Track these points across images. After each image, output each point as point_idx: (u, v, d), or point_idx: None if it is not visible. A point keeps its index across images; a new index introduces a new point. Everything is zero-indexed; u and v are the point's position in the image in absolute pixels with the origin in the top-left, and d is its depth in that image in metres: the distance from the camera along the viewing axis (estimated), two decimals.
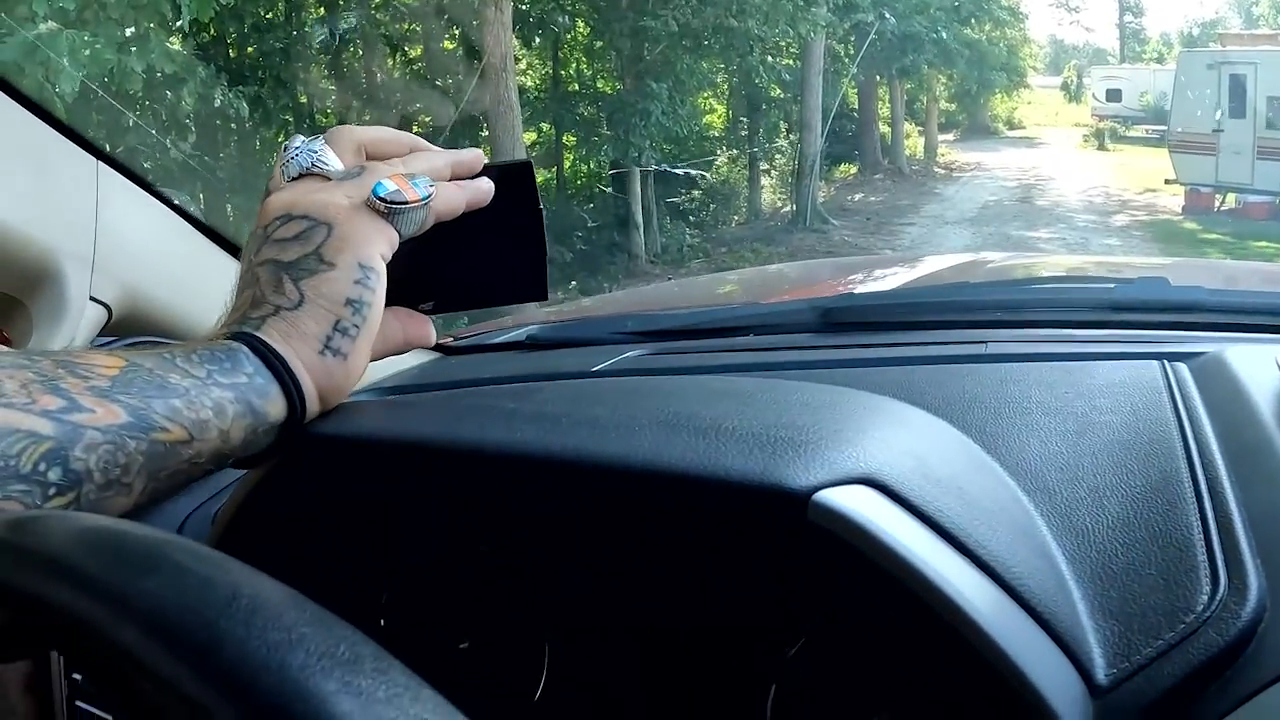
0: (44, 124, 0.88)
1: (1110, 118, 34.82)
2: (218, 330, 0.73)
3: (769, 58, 17.18)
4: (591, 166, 16.87)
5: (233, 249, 1.13)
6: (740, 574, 0.74)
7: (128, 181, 0.98)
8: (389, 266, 0.75)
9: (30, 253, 0.84)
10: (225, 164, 11.43)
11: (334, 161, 0.77)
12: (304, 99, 12.52)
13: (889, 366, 1.04)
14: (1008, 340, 1.15)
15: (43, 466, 0.57)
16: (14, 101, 0.86)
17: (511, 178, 0.82)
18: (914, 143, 28.38)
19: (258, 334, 0.71)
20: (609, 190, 16.28)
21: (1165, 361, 0.94)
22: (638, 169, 14.99)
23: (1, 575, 0.38)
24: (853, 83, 21.84)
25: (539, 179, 0.82)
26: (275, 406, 0.70)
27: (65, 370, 0.61)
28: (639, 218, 15.36)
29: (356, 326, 0.73)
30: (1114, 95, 35.70)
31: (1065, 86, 47.78)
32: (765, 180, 20.86)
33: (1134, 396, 0.86)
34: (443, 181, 0.78)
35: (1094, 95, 37.82)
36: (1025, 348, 1.11)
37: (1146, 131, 31.22)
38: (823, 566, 0.66)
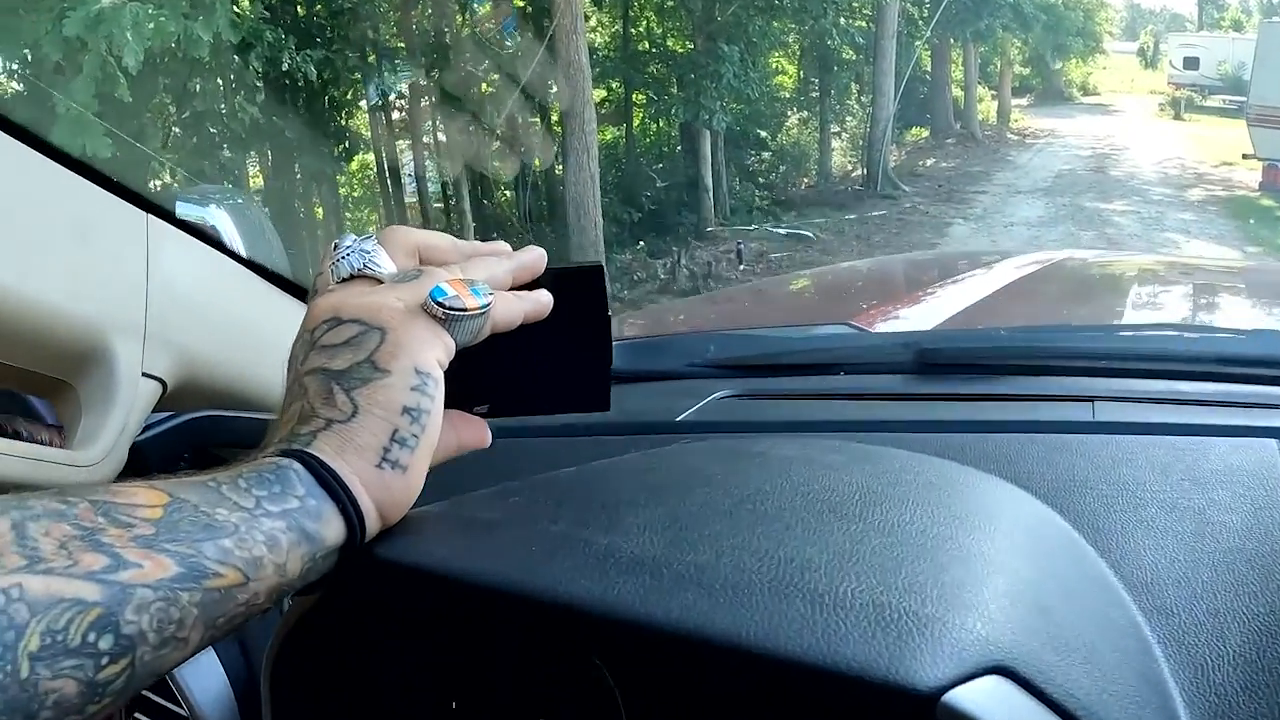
0: (88, 182, 0.82)
1: (1187, 86, 34.03)
2: (266, 449, 0.67)
3: (842, 19, 17.00)
4: (660, 125, 16.78)
5: (301, 293, 1.07)
6: None
7: (180, 233, 0.91)
8: None
9: (77, 331, 0.77)
10: (293, 124, 11.44)
11: (387, 264, 0.72)
12: (372, 58, 12.52)
13: (992, 434, 0.97)
14: (1112, 397, 1.09)
15: (92, 636, 0.51)
16: (55, 162, 0.79)
17: (581, 281, 0.77)
18: (986, 107, 27.97)
19: (309, 450, 0.65)
20: (678, 149, 16.20)
21: None
22: (708, 130, 14.89)
23: None
24: (926, 45, 21.51)
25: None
26: (332, 529, 0.64)
27: (105, 518, 0.55)
28: (708, 179, 15.30)
29: (415, 436, 0.68)
30: (1191, 63, 34.89)
31: (1141, 52, 46.88)
32: (835, 142, 20.67)
33: (1254, 490, 0.80)
34: (502, 291, 0.73)
35: (1170, 63, 36.96)
36: (1133, 412, 1.06)
37: (1224, 102, 30.58)
38: None
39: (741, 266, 13.12)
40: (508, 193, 14.79)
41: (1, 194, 0.73)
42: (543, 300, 0.74)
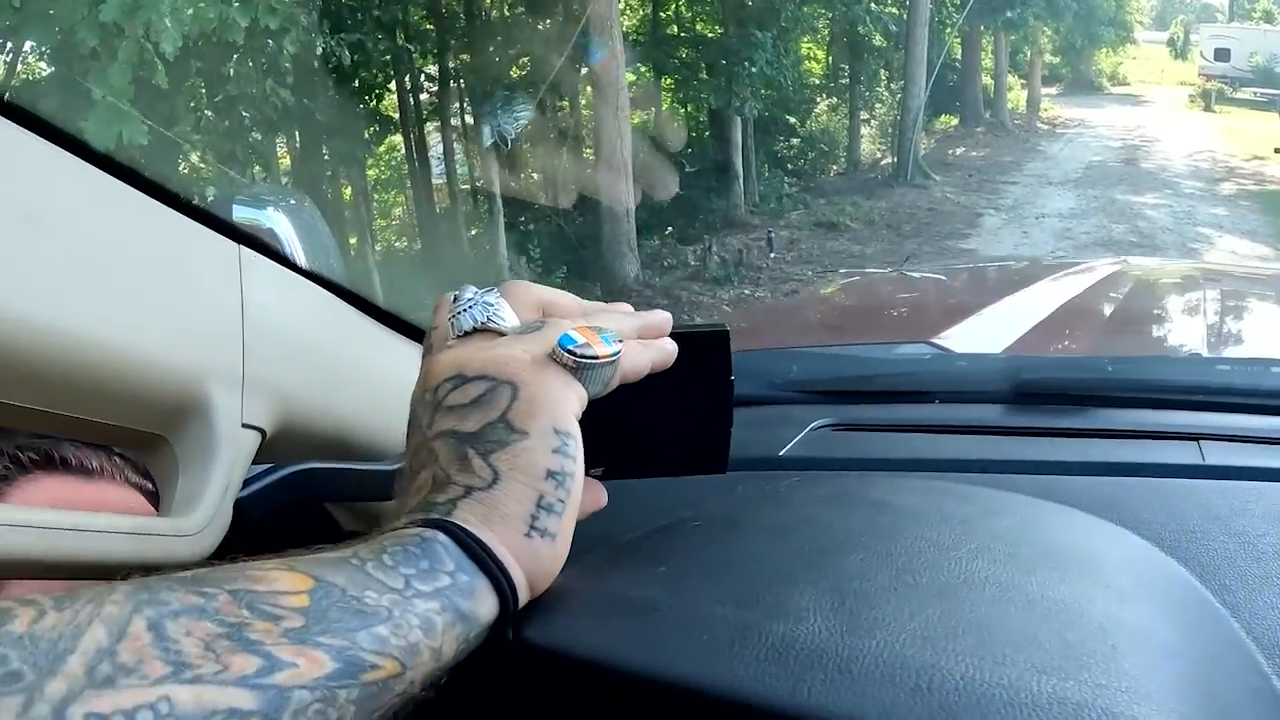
0: (176, 213, 0.75)
1: (1218, 78, 33.78)
2: (397, 519, 0.62)
3: (874, 5, 16.93)
4: (688, 110, 16.74)
5: (404, 328, 1.01)
6: None
7: (271, 264, 0.85)
8: None
9: (172, 381, 0.71)
10: (323, 107, 11.43)
11: (510, 317, 0.67)
12: (402, 40, 12.51)
13: (1097, 476, 0.94)
14: (1220, 436, 1.06)
15: None
16: (141, 192, 0.72)
17: (705, 343, 0.72)
18: (1016, 96, 27.82)
19: (452, 519, 0.60)
20: (706, 135, 16.17)
21: None
22: (739, 117, 14.85)
23: None
24: (956, 33, 21.40)
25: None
26: (485, 606, 0.59)
27: (249, 610, 0.48)
28: (738, 165, 15.29)
29: (561, 501, 0.63)
30: (1222, 55, 34.57)
31: (1172, 42, 46.44)
32: (864, 130, 20.62)
33: None
34: (629, 340, 0.68)
35: (1201, 54, 36.61)
36: (1244, 455, 1.02)
37: (1255, 94, 30.38)
38: None
39: (772, 254, 13.11)
40: (535, 176, 14.75)
41: (88, 231, 0.66)
42: (668, 349, 0.70)
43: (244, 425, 0.75)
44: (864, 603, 0.63)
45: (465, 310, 0.66)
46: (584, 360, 0.64)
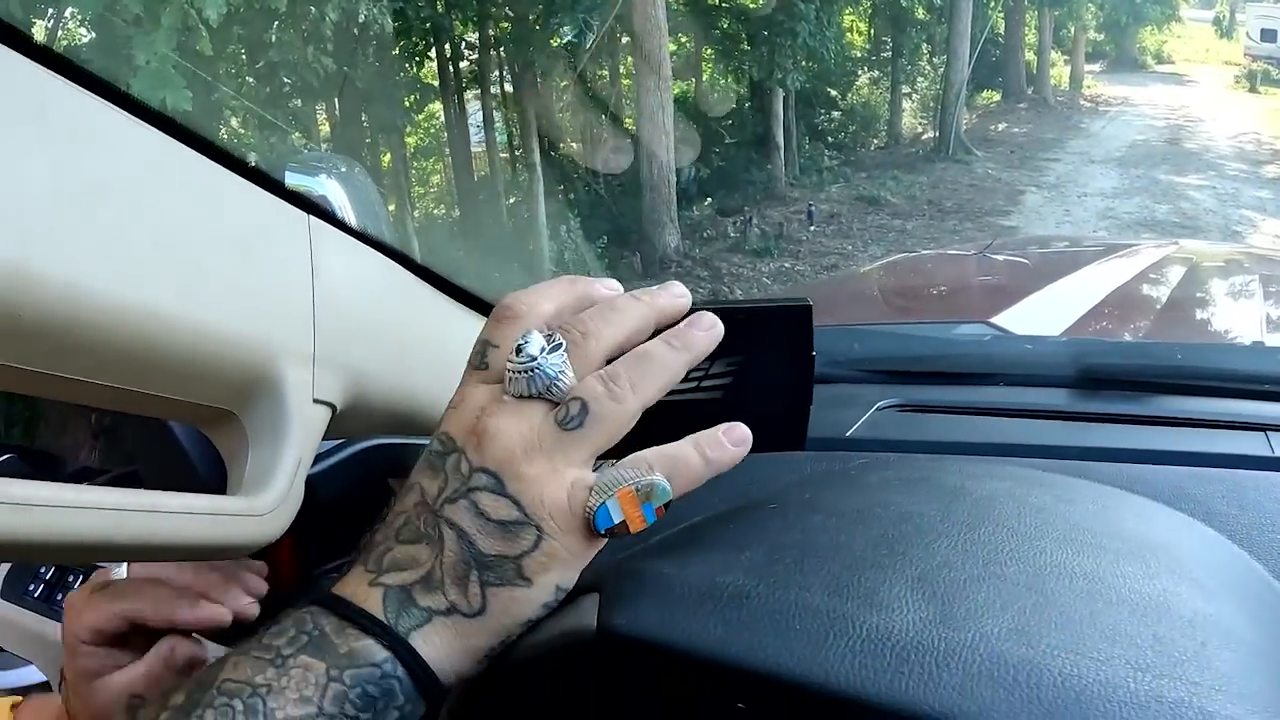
0: (248, 182, 0.73)
1: (1263, 59, 33.24)
2: (370, 590, 0.62)
3: None
4: (729, 81, 16.66)
5: (471, 300, 1.00)
6: None
7: (340, 235, 0.83)
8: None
9: (243, 356, 0.69)
10: (364, 74, 11.43)
11: (570, 382, 0.64)
12: (443, 8, 12.48)
13: (1165, 465, 0.91)
14: None
15: None
16: (213, 161, 0.70)
17: (787, 320, 0.70)
18: (1059, 72, 27.52)
19: (417, 647, 0.60)
20: (747, 106, 16.10)
21: None
22: (780, 88, 14.78)
23: None
24: (1000, 8, 21.19)
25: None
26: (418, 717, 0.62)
27: None
28: (779, 137, 15.21)
29: (518, 638, 0.64)
30: (1269, 35, 33.92)
31: (1217, 21, 45.72)
32: (906, 104, 20.48)
33: None
34: (683, 461, 0.65)
35: (1247, 34, 36.01)
36: None
37: None
38: None
39: (812, 227, 13.07)
40: (575, 145, 14.73)
41: (157, 201, 0.65)
42: (726, 460, 0.67)
43: (315, 400, 0.74)
44: (955, 593, 0.61)
45: (527, 371, 0.63)
46: (616, 538, 0.64)
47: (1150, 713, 0.51)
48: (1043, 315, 1.91)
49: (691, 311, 0.68)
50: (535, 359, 0.63)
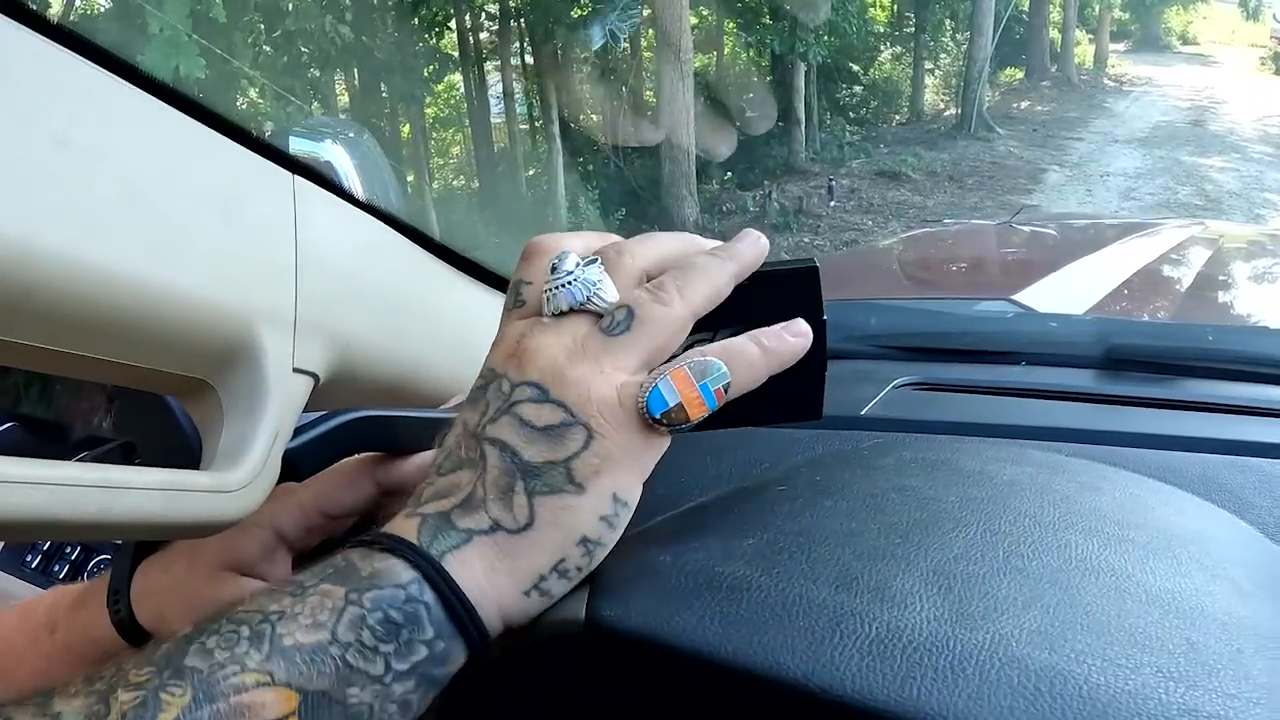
0: (229, 140, 0.69)
1: None
2: (406, 520, 0.57)
3: None
4: (750, 55, 16.61)
5: (469, 267, 0.96)
6: None
7: (329, 196, 0.79)
8: None
9: (219, 324, 0.65)
10: (382, 44, 11.42)
11: (611, 293, 0.61)
12: None
13: (1192, 452, 0.87)
14: None
15: None
16: (192, 118, 0.66)
17: (794, 283, 0.67)
18: (1083, 51, 27.34)
19: (450, 569, 0.55)
20: (770, 79, 16.05)
21: None
22: (802, 62, 14.74)
23: None
24: None
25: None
26: (456, 664, 0.55)
27: None
28: (800, 112, 15.18)
29: (580, 569, 0.58)
30: None
31: (1244, 3, 45.55)
32: (928, 80, 20.42)
33: None
34: (739, 350, 0.62)
35: (1274, 15, 35.79)
36: None
37: None
38: None
39: (832, 203, 13.04)
40: (594, 117, 14.70)
41: (127, 156, 0.60)
42: (786, 353, 0.64)
43: (295, 370, 0.69)
44: (972, 588, 0.58)
45: (565, 285, 0.60)
46: (674, 430, 0.59)
47: None
48: (1066, 293, 1.87)
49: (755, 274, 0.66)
50: (572, 272, 0.60)
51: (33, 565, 1.47)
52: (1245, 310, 1.97)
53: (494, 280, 1.01)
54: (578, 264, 0.61)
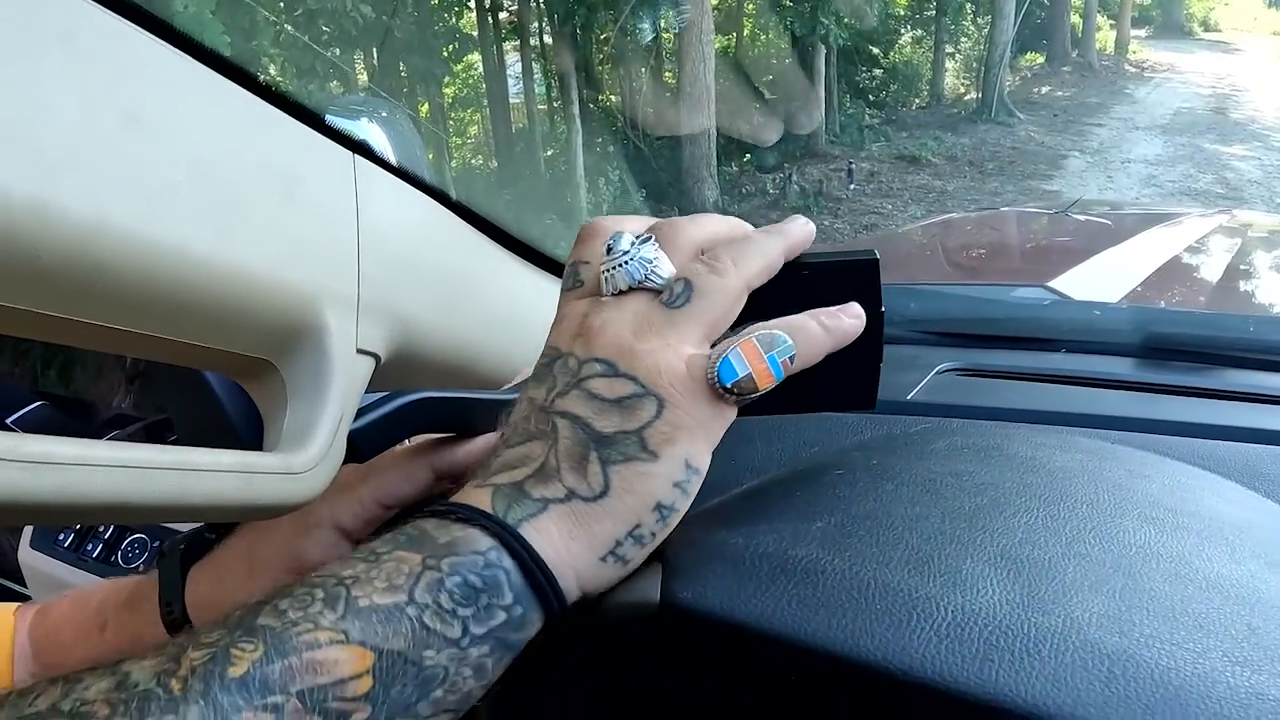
0: (290, 118, 0.68)
1: None
2: (478, 490, 0.57)
3: None
4: (769, 37, 16.56)
5: (525, 250, 0.97)
6: None
7: (388, 176, 0.78)
8: None
9: (284, 304, 0.65)
10: (402, 23, 11.40)
11: (667, 270, 0.62)
12: None
13: (1233, 442, 0.88)
14: None
15: None
16: (255, 95, 0.65)
17: (854, 273, 0.67)
18: (1104, 36, 27.19)
19: (527, 536, 0.55)
20: (788, 62, 16.00)
21: None
22: (822, 45, 14.69)
23: None
24: None
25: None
26: (532, 630, 0.55)
27: (320, 714, 0.46)
28: (820, 95, 15.09)
29: (654, 534, 0.58)
30: None
31: None
32: (949, 64, 20.33)
33: None
34: (801, 325, 0.62)
35: None
36: None
37: None
38: None
39: (852, 186, 13.00)
40: (613, 98, 14.66)
41: (195, 135, 0.60)
42: (847, 329, 0.64)
43: (359, 351, 0.70)
44: (1040, 572, 0.58)
45: (622, 264, 0.61)
46: (744, 399, 0.60)
47: (1252, 711, 0.47)
48: (1101, 281, 1.86)
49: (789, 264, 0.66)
50: (628, 251, 0.61)
51: (65, 544, 1.47)
52: (1265, 299, 1.96)
53: (544, 262, 1.01)
54: (633, 243, 0.62)
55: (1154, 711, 0.47)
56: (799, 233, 0.66)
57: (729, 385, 0.58)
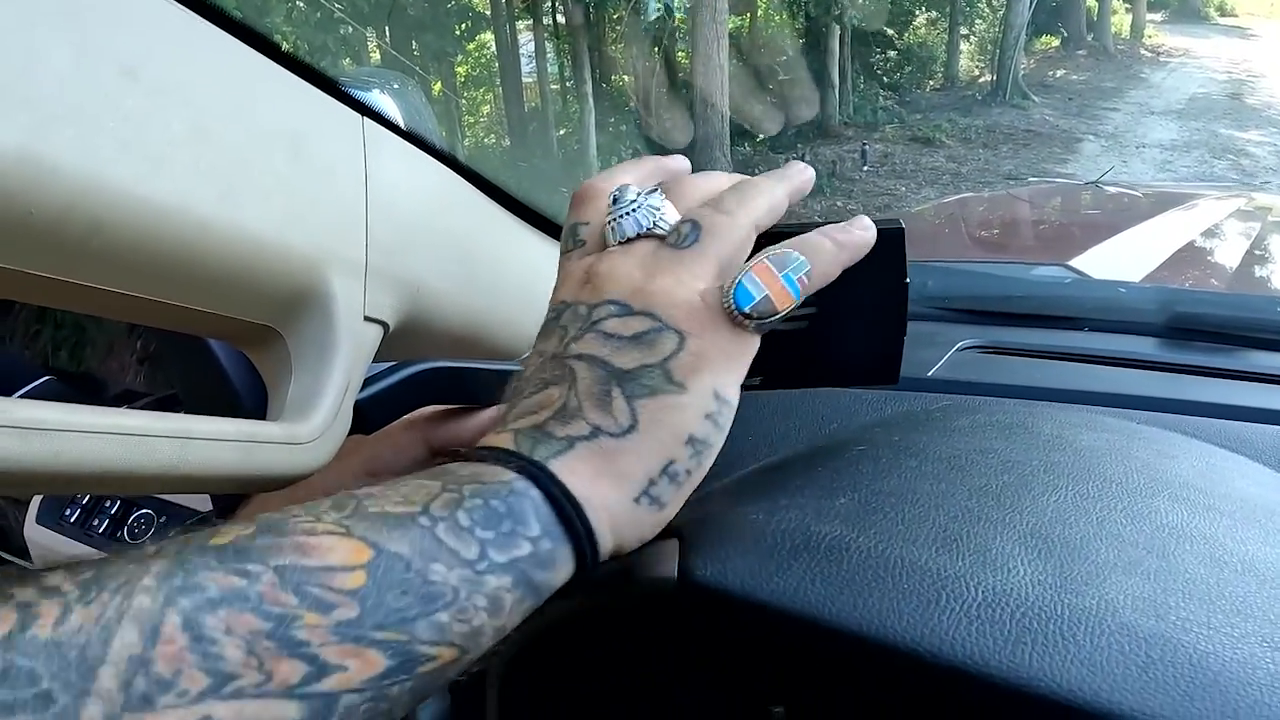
0: (299, 79, 0.66)
1: None
2: (506, 425, 0.54)
3: None
4: (783, 16, 16.51)
5: (536, 219, 0.95)
6: None
7: (398, 141, 0.76)
8: None
9: (289, 270, 0.62)
10: (414, 1, 11.38)
11: (674, 217, 0.60)
12: None
13: (1264, 424, 0.87)
14: None
15: None
16: (263, 55, 0.63)
17: (879, 243, 0.63)
18: (1120, 20, 27.07)
19: (555, 471, 0.51)
20: (803, 42, 15.96)
21: None
22: (836, 25, 14.65)
23: None
24: None
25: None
26: (561, 574, 0.51)
27: (296, 595, 0.42)
28: (834, 76, 15.08)
29: (689, 473, 0.54)
30: None
31: None
32: (963, 46, 20.27)
33: None
34: (813, 242, 0.60)
35: None
36: None
37: None
38: None
39: (865, 167, 12.97)
40: (626, 77, 14.63)
41: (205, 96, 0.57)
42: (859, 241, 0.61)
43: (366, 318, 0.67)
44: (1072, 552, 0.56)
45: (628, 214, 0.59)
46: (765, 323, 0.57)
47: None
48: (1122, 260, 1.85)
49: (771, 231, 0.62)
50: (634, 200, 0.60)
51: (72, 520, 1.45)
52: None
53: (556, 231, 0.99)
54: (639, 194, 0.60)
55: (1192, 697, 0.46)
56: (799, 177, 0.65)
57: (747, 310, 0.56)
